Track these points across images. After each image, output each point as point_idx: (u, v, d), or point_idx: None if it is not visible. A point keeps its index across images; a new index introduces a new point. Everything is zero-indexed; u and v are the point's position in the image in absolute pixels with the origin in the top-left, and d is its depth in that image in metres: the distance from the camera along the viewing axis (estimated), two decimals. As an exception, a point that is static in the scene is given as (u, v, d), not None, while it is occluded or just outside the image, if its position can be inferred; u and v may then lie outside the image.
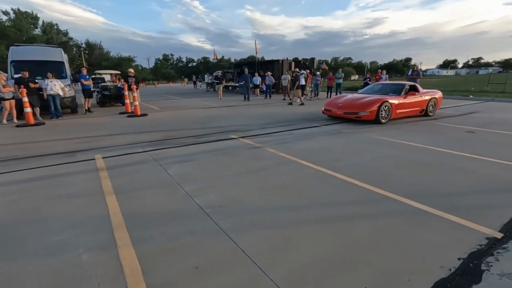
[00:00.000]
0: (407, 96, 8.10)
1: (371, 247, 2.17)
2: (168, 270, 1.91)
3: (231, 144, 5.50)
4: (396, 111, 7.81)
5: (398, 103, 7.83)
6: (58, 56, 10.30)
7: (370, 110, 7.35)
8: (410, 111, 8.28)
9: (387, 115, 7.60)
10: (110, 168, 4.08)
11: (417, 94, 8.43)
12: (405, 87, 8.34)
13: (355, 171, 3.83)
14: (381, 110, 7.40)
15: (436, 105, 8.96)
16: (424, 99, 8.56)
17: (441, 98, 9.35)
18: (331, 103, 8.52)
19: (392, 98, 7.80)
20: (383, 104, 7.44)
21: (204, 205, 2.85)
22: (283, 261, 2.00)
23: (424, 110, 8.62)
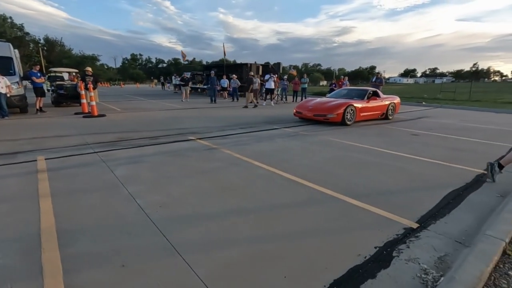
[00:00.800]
0: (369, 100, 8.79)
1: (297, 239, 2.30)
2: (92, 270, 1.88)
3: (187, 146, 5.47)
4: (360, 114, 8.48)
5: (362, 107, 8.50)
6: (6, 52, 9.56)
7: (336, 112, 7.95)
8: (372, 114, 9.01)
9: (352, 117, 8.25)
10: (51, 170, 3.88)
11: (378, 99, 9.16)
12: (368, 92, 9.03)
13: (302, 171, 4.01)
14: (346, 112, 8.04)
15: (395, 110, 9.81)
16: (384, 103, 9.31)
17: (399, 103, 10.23)
18: (302, 106, 8.99)
19: (356, 102, 8.43)
20: (349, 107, 8.08)
21: (144, 206, 2.83)
22: (212, 258, 2.05)
23: (385, 114, 9.41)
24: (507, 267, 1.96)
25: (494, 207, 2.93)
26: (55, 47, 57.78)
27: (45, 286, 1.72)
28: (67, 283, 1.75)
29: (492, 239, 2.15)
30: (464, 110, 13.77)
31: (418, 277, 1.89)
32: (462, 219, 2.73)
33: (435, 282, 1.83)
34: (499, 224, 2.38)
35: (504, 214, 2.56)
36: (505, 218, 2.47)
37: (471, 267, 1.80)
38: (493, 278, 1.83)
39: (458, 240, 2.35)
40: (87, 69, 10.10)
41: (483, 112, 13.09)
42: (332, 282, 1.82)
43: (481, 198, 3.22)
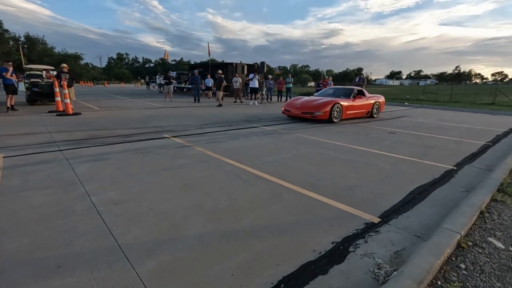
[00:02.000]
0: (355, 99, 8.99)
1: (251, 236, 2.22)
2: (24, 271, 1.73)
3: (159, 143, 5.31)
4: (346, 112, 8.68)
5: (348, 105, 8.70)
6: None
7: (323, 110, 8.12)
8: (358, 113, 9.22)
9: (338, 115, 8.47)
10: (8, 167, 3.66)
11: (363, 98, 9.39)
12: (354, 91, 9.19)
13: (271, 168, 3.94)
14: (333, 110, 8.24)
15: (379, 108, 10.10)
16: (369, 102, 9.55)
17: (384, 103, 10.49)
18: (290, 104, 9.14)
19: (343, 101, 8.63)
20: (335, 105, 8.29)
21: (99, 203, 2.68)
22: (157, 256, 1.94)
23: (370, 112, 9.63)
24: (459, 259, 1.93)
25: (458, 202, 2.93)
26: (37, 45, 55.96)
27: (-36, 289, 1.57)
28: (-9, 286, 1.60)
29: (448, 232, 2.12)
30: (443, 111, 14.10)
31: (370, 271, 1.84)
32: (425, 213, 2.71)
33: (387, 276, 1.78)
34: (458, 217, 2.37)
35: (464, 208, 2.55)
36: (464, 212, 2.46)
37: (421, 260, 1.76)
38: (443, 271, 1.79)
39: (417, 234, 2.32)
40: (62, 65, 9.73)
41: (460, 112, 13.45)
42: (280, 279, 1.74)
43: (446, 193, 3.23)
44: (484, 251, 2.04)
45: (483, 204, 2.71)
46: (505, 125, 9.07)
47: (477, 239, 2.20)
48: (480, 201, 2.71)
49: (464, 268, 1.84)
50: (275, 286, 1.67)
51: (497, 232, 2.33)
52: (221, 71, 14.11)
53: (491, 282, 1.73)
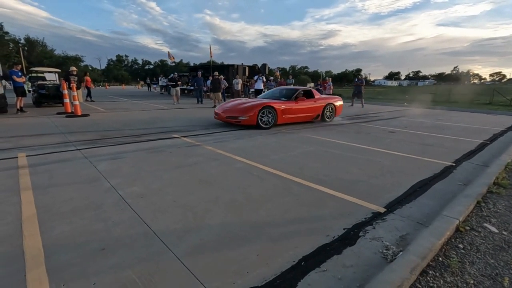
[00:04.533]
0: (298, 101, 7.95)
1: (268, 224, 2.45)
2: (73, 253, 1.96)
3: (169, 143, 5.54)
4: (283, 116, 7.61)
5: (285, 108, 7.62)
6: (-16, 50, 9.31)
7: (249, 114, 7.08)
8: (302, 116, 8.19)
9: (270, 120, 7.38)
10: (33, 165, 3.88)
11: (311, 99, 8.38)
12: (298, 92, 8.19)
13: (279, 164, 4.18)
14: (262, 115, 7.19)
15: (334, 111, 9.02)
16: (319, 105, 8.51)
17: (342, 106, 9.35)
18: (221, 107, 8.09)
19: (279, 103, 7.58)
20: (265, 109, 7.23)
21: (126, 197, 2.91)
22: (187, 240, 2.17)
23: (320, 116, 8.61)
24: (458, 241, 2.17)
25: (456, 194, 3.17)
26: (36, 47, 56.22)
27: (27, 267, 1.79)
28: (48, 265, 1.82)
29: (447, 218, 2.36)
30: (441, 110, 14.38)
31: (379, 252, 2.07)
32: (426, 204, 2.95)
33: (394, 256, 2.01)
34: (455, 206, 2.61)
35: (462, 198, 2.80)
36: (461, 201, 2.70)
37: (424, 241, 1.99)
38: (444, 250, 2.03)
39: (419, 221, 2.56)
40: (72, 68, 9.96)
41: (458, 112, 13.73)
42: (300, 258, 1.97)
43: (445, 187, 3.47)
44: (480, 234, 2.28)
45: (480, 195, 2.95)
46: (502, 124, 9.35)
47: (474, 224, 2.44)
48: (476, 192, 2.95)
49: (462, 248, 2.07)
50: (297, 263, 1.91)
51: (492, 219, 2.57)
52: (218, 72, 14.35)
53: (485, 259, 1.97)
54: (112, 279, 1.71)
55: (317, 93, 8.79)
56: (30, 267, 1.79)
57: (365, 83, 14.82)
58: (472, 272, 1.84)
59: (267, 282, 1.72)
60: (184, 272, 1.79)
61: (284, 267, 1.87)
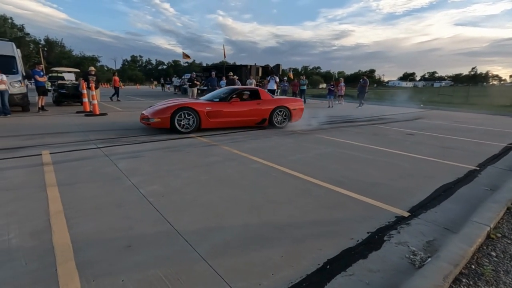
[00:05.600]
0: (232, 102, 6.91)
1: (290, 224, 2.43)
2: (100, 249, 2.00)
3: (186, 142, 5.59)
4: (209, 120, 6.58)
5: (212, 111, 6.60)
6: (9, 50, 9.67)
7: (161, 116, 6.23)
8: (238, 121, 7.08)
9: (190, 124, 6.42)
10: (57, 162, 3.99)
11: (253, 101, 7.31)
12: (232, 93, 7.16)
13: (296, 165, 4.14)
14: (178, 117, 6.28)
15: (290, 116, 7.64)
16: (264, 107, 7.29)
17: (302, 109, 8.03)
18: (148, 108, 7.07)
19: (204, 105, 6.64)
20: (182, 110, 6.30)
21: (148, 195, 2.95)
22: (210, 239, 2.18)
23: (266, 120, 7.36)
24: (490, 248, 2.09)
25: (483, 199, 3.06)
26: (55, 48, 58.04)
27: (57, 261, 1.84)
28: (77, 260, 1.86)
29: (477, 224, 2.28)
30: (459, 113, 13.96)
31: (406, 257, 2.02)
32: (451, 209, 2.86)
33: (422, 262, 1.95)
34: (485, 212, 2.51)
35: (490, 204, 2.69)
36: (490, 207, 2.60)
37: (455, 247, 1.92)
38: (476, 258, 1.96)
39: (446, 227, 2.48)
40: (90, 68, 10.23)
41: (478, 114, 13.28)
42: (325, 261, 1.94)
43: (470, 191, 3.36)
44: (513, 242, 2.19)
45: (509, 201, 2.83)
46: (526, 128, 8.98)
47: (506, 231, 2.34)
48: (505, 198, 2.84)
49: (495, 256, 1.99)
50: (322, 266, 1.88)
51: (524, 227, 2.46)
52: (232, 73, 14.40)
53: (521, 268, 1.88)
54: (140, 276, 1.73)
55: (266, 95, 7.58)
56: (60, 262, 1.83)
57: (379, 84, 14.82)
58: (507, 281, 1.76)
59: (293, 285, 1.70)
60: (209, 272, 1.79)
61: (310, 270, 1.84)
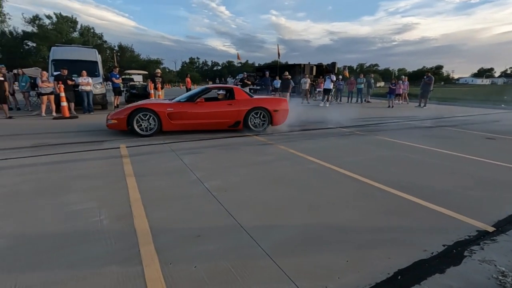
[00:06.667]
0: (197, 103, 6.29)
1: (352, 229, 2.33)
2: (174, 236, 2.19)
3: (242, 141, 5.77)
4: (171, 122, 6.05)
5: (174, 112, 6.05)
6: (93, 56, 11.15)
7: (117, 117, 5.92)
8: (207, 123, 6.41)
9: (151, 126, 5.97)
10: (132, 155, 4.48)
11: (224, 101, 6.62)
12: (199, 93, 6.60)
13: (355, 167, 3.96)
14: (135, 119, 5.85)
15: (268, 119, 6.73)
16: (238, 109, 6.48)
17: (286, 111, 7.04)
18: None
19: (166, 105, 6.13)
20: (140, 111, 5.87)
21: (211, 189, 3.12)
22: (273, 235, 2.22)
23: (241, 123, 6.56)
24: None
25: None
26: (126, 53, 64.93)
27: (139, 243, 2.07)
28: (155, 243, 2.07)
29: None
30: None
31: (494, 278, 1.79)
32: (550, 228, 2.43)
33: (514, 285, 1.71)
34: None
35: None
36: None
37: (560, 273, 1.63)
38: None
39: (544, 248, 2.12)
40: (157, 71, 11.25)
41: None
42: (396, 271, 1.82)
43: None
44: None
45: None
46: None
47: None
48: None
49: None
50: (393, 276, 1.77)
51: None
52: (288, 72, 14.33)
53: None
54: (210, 265, 1.85)
55: (241, 95, 6.78)
56: (142, 244, 2.06)
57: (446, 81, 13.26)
58: None
59: (361, 291, 1.64)
60: (273, 268, 1.83)
61: (378, 278, 1.75)
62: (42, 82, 8.73)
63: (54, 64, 10.31)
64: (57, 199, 2.85)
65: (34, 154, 4.50)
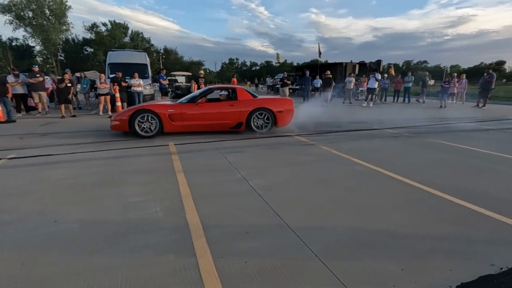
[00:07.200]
0: (199, 104, 6.23)
1: (403, 235, 2.20)
2: (223, 231, 2.27)
3: (284, 140, 5.77)
4: (172, 123, 6.01)
5: (174, 113, 6.00)
6: (143, 59, 12.00)
7: (120, 119, 5.94)
8: (207, 124, 6.31)
9: (152, 128, 5.94)
10: (180, 152, 4.74)
11: (226, 102, 6.49)
12: (200, 94, 6.49)
13: (405, 171, 3.74)
14: (136, 120, 5.83)
15: (272, 120, 6.48)
16: (240, 110, 6.31)
17: (290, 111, 6.75)
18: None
19: (167, 107, 6.11)
20: (141, 113, 5.86)
21: (256, 188, 3.18)
22: (321, 237, 2.19)
23: (243, 124, 6.38)
24: None
25: None
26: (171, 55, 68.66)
27: (192, 236, 2.19)
28: (207, 237, 2.17)
29: None
30: None
31: None
32: None
33: None
34: None
35: None
36: None
37: None
38: None
39: None
40: (200, 72, 11.77)
41: None
42: (459, 284, 1.69)
43: None
44: None
45: None
46: None
47: None
48: None
49: None
50: (456, 290, 1.65)
51: None
52: (329, 71, 13.96)
53: None
54: (260, 262, 1.89)
55: (244, 95, 6.59)
56: (195, 237, 2.17)
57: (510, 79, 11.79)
58: None
59: (420, 303, 1.55)
60: (324, 271, 1.81)
61: (439, 290, 1.64)
62: (101, 84, 9.62)
63: (110, 67, 11.30)
64: (116, 190, 3.12)
65: (95, 149, 4.98)
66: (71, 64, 42.71)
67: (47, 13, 43.98)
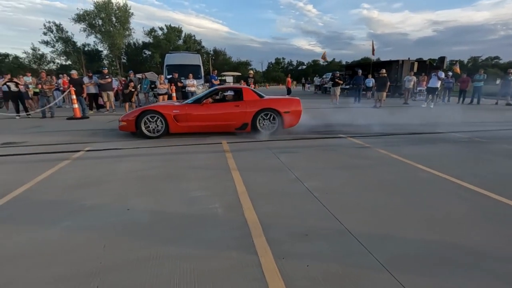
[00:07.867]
0: (204, 105, 6.11)
1: (486, 253, 1.95)
2: (282, 231, 2.28)
3: (337, 142, 5.57)
4: (178, 124, 5.99)
5: (180, 114, 5.97)
6: (197, 61, 12.66)
7: (127, 119, 6.01)
8: (212, 125, 6.19)
9: (158, 128, 5.98)
10: (233, 151, 4.88)
11: (232, 102, 6.35)
12: (206, 94, 6.39)
13: (481, 180, 3.33)
14: (142, 121, 5.88)
15: (279, 121, 6.24)
16: (245, 110, 6.13)
17: (298, 112, 6.45)
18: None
19: (173, 107, 6.06)
20: (148, 113, 5.89)
21: (312, 190, 3.12)
22: (386, 247, 2.06)
23: (248, 125, 6.19)
24: None
25: None
26: (220, 56, 71.18)
27: (252, 234, 2.24)
28: (266, 236, 2.20)
29: None
30: None
31: None
32: None
33: None
34: None
35: None
36: None
37: None
38: None
39: None
40: (250, 72, 12.00)
41: None
42: (562, 317, 1.45)
43: None
44: None
45: None
46: None
47: None
48: None
49: None
50: (559, 323, 1.42)
51: None
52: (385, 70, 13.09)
53: None
54: (322, 266, 1.85)
55: (250, 95, 6.38)
56: (255, 235, 2.22)
57: None
58: None
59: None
60: (393, 283, 1.70)
61: (536, 322, 1.43)
62: (160, 84, 10.39)
63: (168, 69, 12.13)
64: (178, 184, 3.34)
65: (155, 145, 5.39)
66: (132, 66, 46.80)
67: (113, 20, 48.87)
